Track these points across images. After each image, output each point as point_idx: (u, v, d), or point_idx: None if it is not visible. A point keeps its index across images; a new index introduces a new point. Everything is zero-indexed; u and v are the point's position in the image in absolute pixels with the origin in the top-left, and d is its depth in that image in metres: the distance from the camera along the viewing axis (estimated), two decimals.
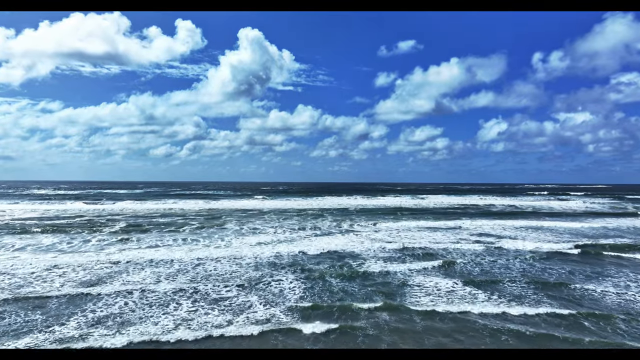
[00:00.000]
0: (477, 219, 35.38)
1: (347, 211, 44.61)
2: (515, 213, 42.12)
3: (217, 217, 35.81)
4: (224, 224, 30.07)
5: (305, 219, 34.90)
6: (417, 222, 33.06)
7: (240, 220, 33.51)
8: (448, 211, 45.17)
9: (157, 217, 35.81)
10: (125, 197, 69.28)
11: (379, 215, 39.55)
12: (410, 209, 49.23)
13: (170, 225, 29.30)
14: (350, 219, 35.17)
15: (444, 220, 34.63)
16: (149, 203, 53.52)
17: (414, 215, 39.11)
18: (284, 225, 29.80)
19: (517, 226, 30.25)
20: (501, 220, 34.31)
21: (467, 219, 35.43)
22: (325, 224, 30.95)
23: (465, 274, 14.90)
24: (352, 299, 11.80)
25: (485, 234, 25.95)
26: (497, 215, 39.26)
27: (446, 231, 27.47)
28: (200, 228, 27.58)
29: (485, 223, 31.99)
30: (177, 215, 37.25)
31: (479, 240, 23.28)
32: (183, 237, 23.63)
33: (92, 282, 13.41)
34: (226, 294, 12.08)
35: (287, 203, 57.60)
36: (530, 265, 16.50)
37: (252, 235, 24.74)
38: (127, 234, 24.55)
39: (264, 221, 32.69)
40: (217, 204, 53.68)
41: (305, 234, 25.48)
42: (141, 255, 17.54)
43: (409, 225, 30.32)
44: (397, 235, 25.29)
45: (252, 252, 18.63)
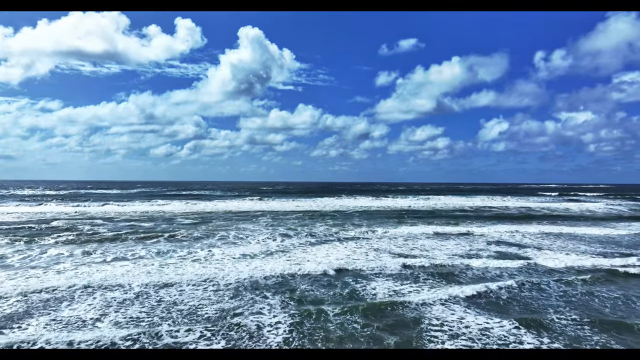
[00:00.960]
0: (490, 224, 32.27)
1: (348, 214, 41.54)
2: (531, 217, 38.97)
3: (206, 221, 32.79)
4: (211, 230, 27.03)
5: (302, 223, 31.86)
6: (425, 227, 29.98)
7: (231, 224, 30.48)
8: (457, 214, 42.06)
9: (141, 220, 32.79)
10: (117, 197, 66.32)
11: (383, 218, 36.47)
12: (415, 211, 46.14)
13: (150, 231, 26.27)
14: (352, 223, 32.11)
15: (454, 225, 31.53)
16: (139, 204, 50.53)
17: (421, 219, 36.02)
18: (279, 231, 26.76)
19: (538, 233, 27.13)
20: (517, 226, 31.19)
21: (480, 224, 32.33)
22: (324, 230, 27.89)
23: (498, 304, 11.81)
24: (353, 346, 8.75)
25: (505, 243, 22.85)
26: (511, 220, 36.14)
27: (459, 239, 24.38)
28: (183, 234, 24.55)
29: (500, 229, 28.87)
30: (164, 219, 34.24)
31: (500, 251, 20.18)
32: (160, 247, 20.59)
33: (10, 316, 10.38)
34: (184, 338, 9.02)
35: (285, 204, 54.58)
36: (584, 293, 13.32)
37: (240, 244, 21.69)
38: (95, 242, 21.53)
39: (257, 226, 29.66)
40: (210, 205, 50.67)
41: (300, 242, 22.43)
42: (99, 274, 14.51)
43: (416, 232, 27.23)
44: (405, 244, 22.22)
45: (234, 269, 15.58)
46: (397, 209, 49.31)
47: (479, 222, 33.67)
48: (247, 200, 62.53)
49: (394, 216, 38.83)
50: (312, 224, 31.98)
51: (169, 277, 14.10)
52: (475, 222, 34.10)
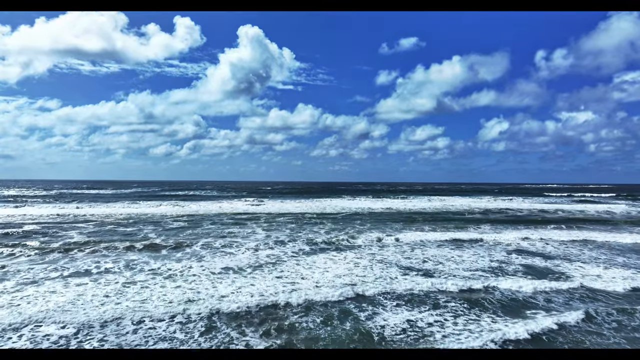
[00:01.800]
0: (504, 228, 29.49)
1: (349, 216, 38.79)
2: (546, 220, 36.14)
3: (195, 225, 30.05)
4: (197, 235, 24.31)
5: (300, 227, 29.12)
6: (434, 233, 27.22)
7: (221, 228, 27.74)
8: (466, 217, 39.27)
9: (124, 224, 30.07)
10: (108, 198, 63.61)
11: (387, 222, 33.71)
12: (420, 213, 43.35)
13: (130, 237, 23.56)
14: (353, 228, 29.36)
15: (466, 230, 28.77)
16: (128, 206, 47.80)
17: (428, 223, 33.25)
18: (273, 237, 24.03)
19: (560, 240, 24.35)
20: (534, 230, 28.42)
21: (493, 228, 29.56)
22: (324, 236, 25.15)
23: None
24: None
25: (527, 252, 20.08)
26: (525, 224, 33.33)
27: (474, 247, 21.63)
28: (164, 242, 21.82)
29: (517, 235, 26.08)
30: (150, 222, 31.52)
31: (526, 264, 17.41)
32: (133, 257, 17.85)
33: None
34: None
35: (283, 206, 51.84)
36: None
37: (226, 253, 18.95)
38: (61, 252, 18.78)
39: (250, 230, 26.93)
40: (204, 206, 47.93)
41: (296, 251, 19.70)
42: (39, 305, 11.79)
43: (424, 238, 24.48)
44: (414, 254, 19.47)
45: (211, 291, 12.85)
46: (401, 210, 46.54)
47: (491, 226, 30.88)
48: (244, 201, 59.81)
49: (398, 219, 36.06)
50: (310, 228, 29.25)
51: (125, 305, 11.33)
52: (487, 226, 31.32)
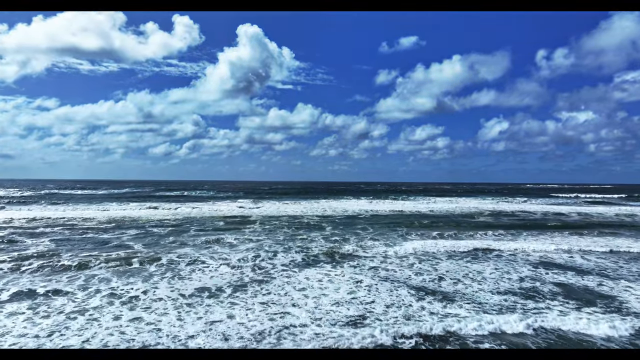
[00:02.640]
0: (521, 235, 26.70)
1: (350, 220, 36.03)
2: (566, 225, 33.25)
3: (181, 230, 27.31)
4: (180, 243, 21.59)
5: (295, 233, 26.38)
6: (444, 240, 24.50)
7: (209, 236, 24.99)
8: (476, 220, 36.46)
9: (103, 229, 27.36)
10: (98, 198, 60.93)
11: (391, 226, 30.94)
12: (426, 216, 40.57)
13: (99, 246, 20.87)
14: (354, 233, 26.62)
15: (479, 236, 25.99)
16: (115, 207, 45.06)
17: (436, 228, 30.46)
18: (264, 245, 21.31)
19: (589, 249, 21.54)
20: (555, 237, 25.65)
21: (510, 235, 26.76)
22: (322, 244, 22.43)
23: None
24: None
25: (557, 267, 17.27)
26: (543, 229, 30.49)
27: (492, 259, 18.86)
28: (137, 252, 19.12)
29: (539, 243, 23.31)
30: (132, 227, 28.81)
31: (562, 282, 14.59)
32: (94, 273, 15.12)
33: None
34: None
35: (281, 207, 49.10)
36: None
37: (206, 268, 16.21)
38: (10, 263, 16.04)
39: (241, 236, 24.18)
40: (196, 209, 45.20)
41: (288, 263, 16.97)
42: None
43: (435, 247, 21.72)
44: (424, 268, 16.72)
45: (175, 328, 10.12)
46: (405, 213, 43.75)
47: (506, 232, 28.08)
48: (240, 202, 57.06)
49: (402, 223, 33.28)
50: (308, 233, 26.50)
51: None
52: (501, 231, 28.52)
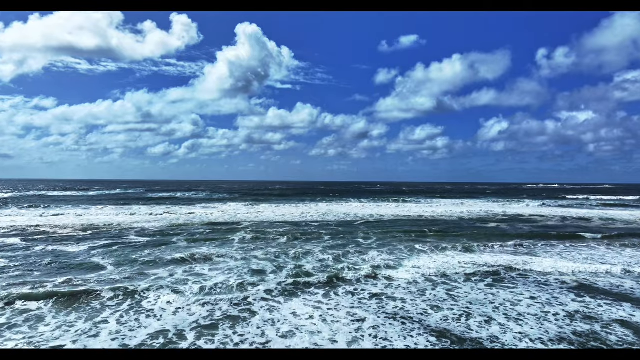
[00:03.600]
0: (546, 247, 23.53)
1: (352, 227, 32.91)
2: (595, 233, 30.02)
3: (160, 242, 24.19)
4: (151, 263, 18.47)
5: (290, 244, 23.28)
6: (458, 254, 21.41)
7: (190, 249, 21.90)
8: (489, 227, 33.27)
9: (73, 241, 24.26)
10: (85, 201, 57.82)
11: (395, 234, 27.81)
12: (433, 221, 37.42)
13: (56, 268, 17.78)
14: (356, 245, 23.53)
15: (499, 250, 22.83)
16: (98, 212, 41.93)
17: (446, 236, 27.30)
18: (251, 263, 18.24)
19: (638, 272, 18.38)
20: (586, 250, 22.52)
21: (533, 247, 23.58)
22: (317, 258, 19.34)
23: None
24: None
25: (607, 295, 14.03)
26: (567, 240, 27.23)
27: (521, 281, 15.73)
28: (96, 276, 16.04)
29: (572, 263, 20.18)
30: (107, 237, 25.71)
31: (623, 319, 11.40)
32: (28, 308, 12.00)
33: None
34: None
35: (277, 211, 46.00)
36: None
37: (176, 292, 13.11)
38: None
39: (227, 250, 21.08)
40: (186, 213, 42.09)
41: (273, 289, 13.88)
42: None
43: (448, 264, 18.62)
44: (439, 296, 13.61)
45: None
46: (411, 218, 40.59)
47: (527, 243, 24.90)
48: (234, 205, 53.92)
49: (410, 230, 30.13)
50: (303, 245, 23.40)
51: None
52: (523, 242, 25.34)
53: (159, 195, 74.65)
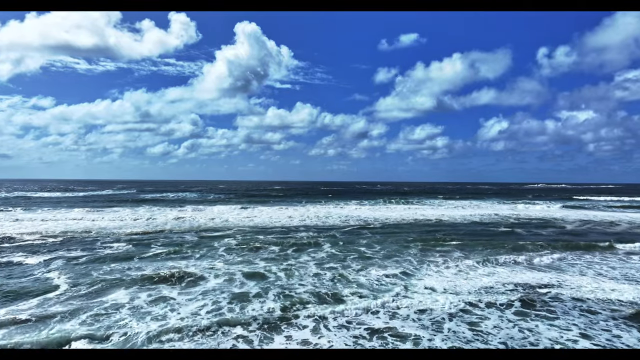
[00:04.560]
0: (578, 260, 20.54)
1: (354, 232, 29.97)
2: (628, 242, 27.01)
3: (135, 252, 21.26)
4: (119, 277, 15.53)
5: (283, 256, 20.34)
6: (476, 268, 18.45)
7: (166, 260, 18.96)
8: (504, 232, 30.26)
9: (35, 251, 21.34)
10: (68, 202, 54.88)
11: (403, 242, 24.87)
12: (442, 225, 34.44)
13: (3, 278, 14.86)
14: (358, 254, 20.62)
15: (524, 264, 19.82)
16: (77, 215, 38.98)
17: (458, 244, 24.33)
18: (233, 283, 15.34)
19: None
20: (629, 264, 19.53)
21: (563, 260, 20.59)
22: (310, 274, 16.44)
23: None
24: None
25: None
26: (598, 251, 24.22)
27: (559, 310, 12.77)
28: (30, 306, 13.10)
29: (615, 283, 17.23)
30: (77, 246, 22.81)
31: None
32: None
33: None
34: None
35: (274, 215, 43.06)
36: None
37: (120, 339, 10.17)
38: None
39: (209, 262, 18.15)
40: (174, 217, 39.15)
41: (248, 320, 10.98)
42: None
43: (466, 284, 15.69)
44: (461, 334, 10.65)
45: None
46: (418, 222, 37.62)
47: (554, 254, 21.90)
48: (228, 207, 50.96)
49: (417, 238, 27.18)
50: (298, 256, 20.47)
51: None
52: (547, 252, 22.36)
53: (150, 197, 71.67)
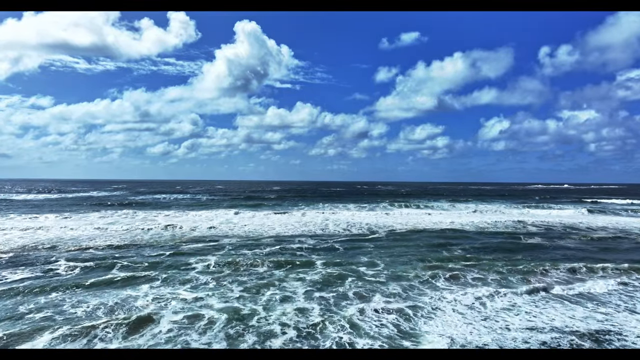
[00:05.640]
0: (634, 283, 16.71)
1: (355, 245, 26.21)
2: None
3: (92, 273, 17.55)
4: (54, 310, 11.80)
5: (268, 278, 16.60)
6: (513, 298, 14.71)
7: (119, 288, 15.24)
8: (527, 244, 26.42)
9: None
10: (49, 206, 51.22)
11: (412, 260, 21.15)
12: (458, 237, 30.62)
13: None
14: (357, 276, 16.84)
15: (569, 292, 15.99)
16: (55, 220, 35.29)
17: (482, 264, 20.55)
18: (199, 320, 11.63)
19: None
20: None
21: (610, 283, 16.76)
22: (296, 309, 12.69)
23: None
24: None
25: None
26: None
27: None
28: None
29: None
30: (29, 263, 19.09)
31: None
32: None
33: None
34: None
35: (268, 220, 39.36)
36: None
37: None
38: None
39: (168, 291, 14.43)
40: (155, 225, 35.44)
41: None
42: None
43: (504, 329, 11.92)
44: None
45: None
46: (428, 230, 33.80)
47: (595, 275, 18.13)
48: (221, 212, 47.18)
49: (428, 253, 23.43)
50: (286, 279, 16.74)
51: None
52: (586, 274, 18.59)
53: (140, 199, 67.81)
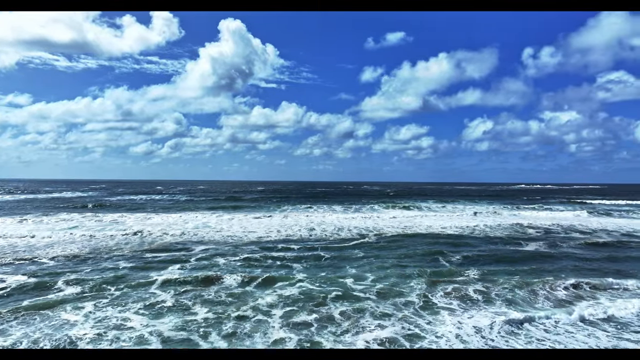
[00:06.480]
0: None
1: (342, 252, 23.70)
2: None
3: (17, 299, 14.72)
4: None
5: (241, 294, 14.02)
6: (506, 326, 12.32)
7: (53, 316, 12.50)
8: (530, 252, 24.22)
9: None
10: (10, 210, 47.75)
11: (405, 270, 18.75)
12: (455, 243, 28.30)
13: None
14: (343, 291, 14.29)
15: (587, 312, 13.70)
16: (12, 226, 32.12)
17: (489, 281, 18.25)
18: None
19: None
20: None
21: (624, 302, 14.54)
22: (271, 342, 10.05)
23: None
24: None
25: None
26: None
27: None
28: None
29: None
30: None
31: None
32: None
33: None
34: None
35: (248, 225, 36.68)
36: None
37: None
38: None
39: (115, 316, 11.76)
40: (123, 230, 32.50)
41: None
42: None
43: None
44: None
45: None
46: (420, 234, 31.45)
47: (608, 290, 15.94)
48: (198, 215, 44.28)
49: (423, 262, 21.08)
50: (260, 297, 14.17)
51: None
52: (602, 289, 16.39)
53: (116, 200, 64.37)
